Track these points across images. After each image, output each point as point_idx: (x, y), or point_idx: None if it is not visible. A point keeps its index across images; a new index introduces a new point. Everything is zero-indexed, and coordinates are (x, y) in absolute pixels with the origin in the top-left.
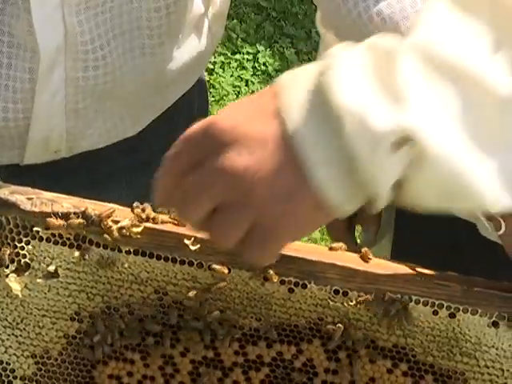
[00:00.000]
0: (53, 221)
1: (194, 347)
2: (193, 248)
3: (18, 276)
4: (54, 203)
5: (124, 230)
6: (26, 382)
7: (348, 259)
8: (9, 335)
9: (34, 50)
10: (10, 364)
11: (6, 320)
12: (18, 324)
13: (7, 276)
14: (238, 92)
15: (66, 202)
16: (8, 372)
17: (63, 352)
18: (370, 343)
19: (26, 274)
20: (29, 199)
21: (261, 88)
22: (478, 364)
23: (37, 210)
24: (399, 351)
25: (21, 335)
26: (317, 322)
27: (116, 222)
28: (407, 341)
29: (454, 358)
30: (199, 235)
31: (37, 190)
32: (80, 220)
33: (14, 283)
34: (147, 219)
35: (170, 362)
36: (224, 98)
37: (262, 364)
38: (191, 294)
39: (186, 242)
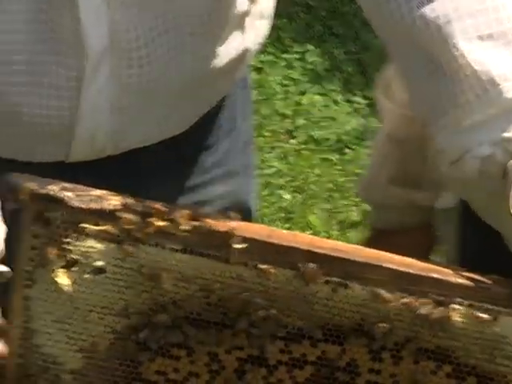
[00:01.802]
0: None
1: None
2: (239, 247)
3: (65, 272)
4: (102, 200)
5: (170, 228)
6: (75, 375)
7: (392, 261)
8: (57, 329)
9: (81, 47)
10: (58, 358)
11: (55, 315)
12: (66, 319)
13: (55, 271)
14: (287, 91)
15: (114, 200)
16: (57, 366)
17: (111, 347)
18: (414, 344)
19: (74, 269)
20: (77, 196)
21: (309, 87)
22: None
23: (85, 206)
24: (442, 353)
25: (69, 330)
26: (360, 323)
27: (162, 220)
28: (450, 343)
29: (496, 360)
30: (245, 234)
31: (85, 187)
32: (128, 216)
33: (62, 279)
34: (193, 218)
35: (216, 360)
36: (272, 97)
37: (306, 363)
38: (236, 292)
39: (232, 240)
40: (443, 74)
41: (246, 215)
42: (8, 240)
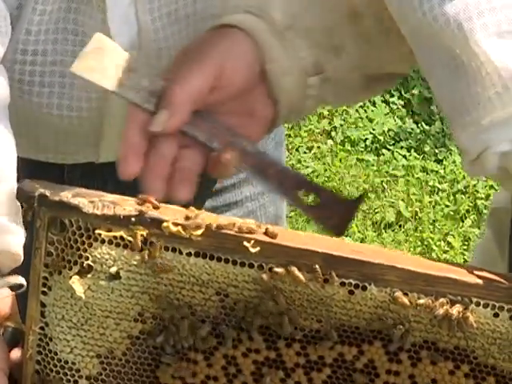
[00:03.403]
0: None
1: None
2: (253, 250)
3: (80, 278)
4: (116, 206)
5: (184, 233)
6: (92, 381)
7: (409, 261)
8: (74, 336)
9: None
10: (75, 364)
11: (71, 321)
12: (82, 325)
13: (70, 278)
14: None
15: (128, 205)
16: (74, 372)
17: (127, 352)
18: (431, 345)
19: (89, 275)
20: (91, 202)
21: None
22: None
23: (99, 212)
24: (460, 353)
25: (85, 336)
26: (377, 324)
27: (176, 225)
28: (468, 343)
29: None
30: (259, 238)
31: (99, 193)
32: (142, 222)
33: (77, 285)
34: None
35: (233, 363)
36: None
37: (323, 365)
38: (251, 295)
39: (246, 244)
40: (465, 72)
41: (276, 216)
42: (25, 247)
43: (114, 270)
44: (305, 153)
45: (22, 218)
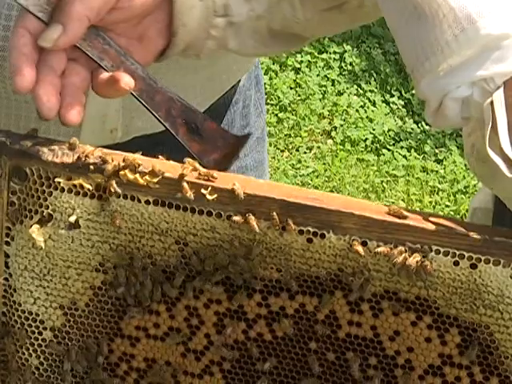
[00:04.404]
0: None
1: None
2: (210, 198)
3: (41, 227)
4: (75, 153)
5: (142, 180)
6: (56, 332)
7: (367, 208)
8: (37, 286)
9: None
10: (39, 315)
11: (34, 271)
12: (44, 275)
13: (32, 227)
14: (324, 91)
15: (88, 152)
16: (38, 323)
17: (90, 303)
18: (392, 295)
19: (49, 224)
20: (50, 150)
21: (347, 88)
22: (502, 317)
23: (58, 160)
24: (422, 303)
25: (48, 286)
26: (337, 273)
27: (134, 173)
28: (429, 292)
29: (478, 310)
30: (216, 185)
31: (61, 142)
32: (101, 170)
33: (38, 234)
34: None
35: (195, 314)
36: (310, 97)
37: (285, 316)
38: (210, 244)
39: (203, 191)
40: (425, 20)
41: None
42: None
43: (73, 218)
44: (305, 153)
45: None
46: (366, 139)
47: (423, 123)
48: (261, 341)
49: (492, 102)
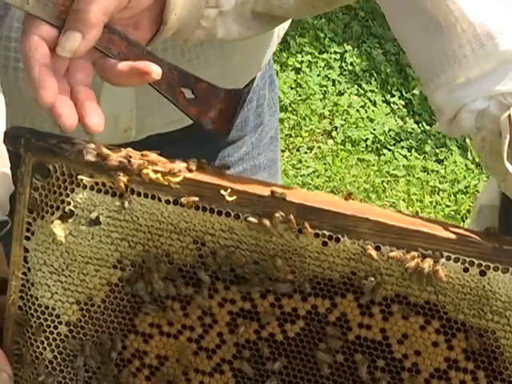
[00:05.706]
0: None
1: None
2: (229, 199)
3: (62, 223)
4: (98, 152)
5: (163, 180)
6: (71, 327)
7: (381, 214)
8: (55, 281)
9: None
10: (55, 310)
11: (52, 266)
12: (63, 270)
13: (52, 222)
14: (325, 91)
15: (111, 152)
16: (54, 317)
17: (106, 299)
18: (403, 299)
19: (70, 220)
20: (74, 148)
21: (347, 88)
22: (508, 323)
23: (81, 158)
24: (431, 308)
25: (66, 281)
26: (350, 277)
27: (156, 172)
28: (438, 298)
29: (485, 316)
30: (236, 187)
31: (84, 140)
32: (123, 169)
33: (59, 229)
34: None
35: (209, 313)
36: (310, 97)
37: (297, 317)
38: (227, 244)
39: (223, 192)
40: (441, 32)
41: None
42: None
43: (94, 215)
44: (305, 153)
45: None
46: (367, 139)
47: (424, 123)
48: (272, 341)
49: (510, 116)
